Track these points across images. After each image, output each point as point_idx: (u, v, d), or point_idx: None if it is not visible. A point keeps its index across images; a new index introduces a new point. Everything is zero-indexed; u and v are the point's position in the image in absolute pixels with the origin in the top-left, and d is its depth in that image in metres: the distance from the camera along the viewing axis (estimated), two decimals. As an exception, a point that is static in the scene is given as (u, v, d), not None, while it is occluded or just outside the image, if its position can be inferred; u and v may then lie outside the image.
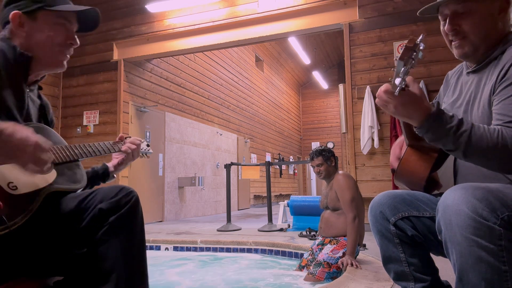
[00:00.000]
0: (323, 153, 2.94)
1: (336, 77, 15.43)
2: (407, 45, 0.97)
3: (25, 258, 1.07)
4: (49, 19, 1.22)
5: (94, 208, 1.08)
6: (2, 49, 1.15)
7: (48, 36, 1.21)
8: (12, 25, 1.19)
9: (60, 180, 1.13)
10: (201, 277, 3.19)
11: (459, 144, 1.02)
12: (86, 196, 1.12)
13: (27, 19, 1.20)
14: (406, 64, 0.96)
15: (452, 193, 0.98)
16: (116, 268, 1.05)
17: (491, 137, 1.00)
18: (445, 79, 1.41)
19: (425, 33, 1.10)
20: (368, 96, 4.96)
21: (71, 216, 1.10)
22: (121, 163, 1.46)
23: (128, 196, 1.10)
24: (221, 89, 10.09)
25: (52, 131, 1.26)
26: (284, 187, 14.25)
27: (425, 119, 1.03)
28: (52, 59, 1.24)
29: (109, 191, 1.11)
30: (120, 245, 1.07)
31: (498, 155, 1.01)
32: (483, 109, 1.14)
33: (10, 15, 1.19)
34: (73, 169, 1.20)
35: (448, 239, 0.97)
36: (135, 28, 6.38)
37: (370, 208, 1.36)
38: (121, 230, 1.08)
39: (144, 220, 1.15)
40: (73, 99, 6.54)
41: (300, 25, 5.54)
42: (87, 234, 1.09)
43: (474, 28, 1.17)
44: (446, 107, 1.33)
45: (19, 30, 1.20)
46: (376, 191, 4.75)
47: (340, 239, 2.82)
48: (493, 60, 1.17)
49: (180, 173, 7.92)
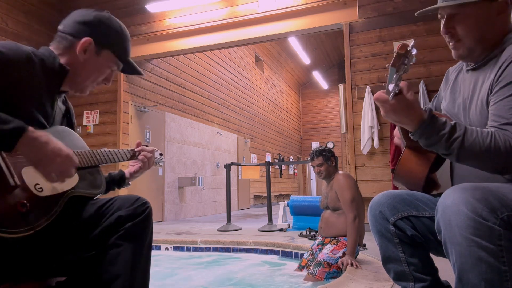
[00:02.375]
0: (323, 153, 2.94)
1: (336, 77, 15.42)
2: (398, 52, 0.97)
3: (35, 259, 1.09)
4: (107, 61, 1.27)
5: (112, 215, 1.13)
6: (42, 57, 1.17)
7: (97, 71, 1.27)
8: (78, 47, 1.21)
9: (82, 184, 1.17)
10: (201, 277, 3.19)
11: (452, 150, 1.04)
12: (105, 202, 1.17)
13: (94, 49, 1.24)
14: (398, 70, 0.97)
15: (451, 193, 0.98)
16: (124, 273, 1.09)
17: (483, 141, 1.01)
18: (446, 75, 1.41)
19: (425, 33, 1.10)
20: (368, 96, 4.97)
21: (89, 220, 1.14)
22: (137, 171, 1.50)
23: (143, 206, 1.17)
24: (221, 89, 10.09)
25: (76, 135, 1.29)
26: (284, 187, 14.25)
27: (417, 125, 1.05)
28: (83, 86, 1.29)
29: (127, 199, 1.17)
30: (131, 251, 1.11)
31: (491, 159, 1.02)
32: (481, 108, 1.14)
33: (82, 39, 1.21)
34: (94, 174, 1.25)
35: (447, 239, 0.97)
36: (135, 28, 6.38)
37: (369, 208, 1.36)
38: (134, 237, 1.13)
39: None
40: (73, 99, 6.53)
41: (300, 25, 5.55)
42: (100, 238, 1.13)
43: (468, 32, 1.18)
44: (445, 103, 1.33)
45: (80, 53, 1.22)
46: (376, 191, 4.75)
47: (340, 239, 2.82)
48: (492, 59, 1.17)
49: (180, 173, 7.92)
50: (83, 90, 1.30)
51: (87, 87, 1.30)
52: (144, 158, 1.47)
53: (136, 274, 1.11)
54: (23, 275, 1.09)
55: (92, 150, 1.26)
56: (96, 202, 1.18)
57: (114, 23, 1.29)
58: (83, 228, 1.14)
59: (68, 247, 1.13)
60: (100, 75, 1.29)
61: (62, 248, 1.12)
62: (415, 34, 4.86)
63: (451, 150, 1.04)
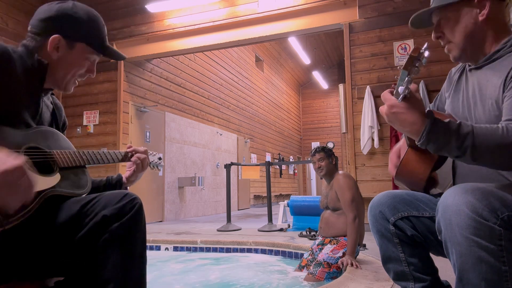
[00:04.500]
0: (325, 150, 2.97)
1: (336, 77, 15.43)
2: (411, 54, 0.96)
3: (24, 259, 1.07)
4: (83, 53, 1.23)
5: (97, 214, 1.05)
6: (22, 55, 1.15)
7: (75, 65, 1.23)
8: (49, 45, 1.18)
9: (63, 184, 1.12)
10: (201, 277, 3.19)
11: (466, 149, 0.97)
12: (89, 200, 1.09)
13: (65, 45, 1.19)
14: (410, 73, 0.96)
15: (452, 193, 0.98)
16: (114, 277, 1.03)
17: (495, 134, 0.97)
18: (448, 75, 1.40)
19: (425, 33, 1.11)
20: (368, 96, 4.96)
21: (72, 220, 1.08)
22: (132, 175, 1.45)
23: (131, 203, 1.08)
24: (221, 89, 10.09)
25: (61, 135, 1.25)
26: (284, 187, 14.25)
27: (423, 128, 1.01)
28: (64, 83, 1.25)
29: (113, 196, 1.09)
30: (120, 254, 1.04)
31: (507, 151, 0.97)
32: (490, 107, 1.12)
33: (51, 37, 1.17)
34: (79, 174, 1.20)
35: (448, 239, 0.97)
36: (135, 28, 6.38)
37: (369, 208, 1.36)
38: (123, 239, 1.05)
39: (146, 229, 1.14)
40: (73, 99, 6.54)
41: (300, 25, 5.55)
42: (88, 239, 1.06)
43: (454, 33, 1.21)
44: (449, 103, 1.32)
45: (52, 52, 1.19)
46: (376, 191, 4.75)
47: (340, 239, 2.82)
48: (498, 58, 1.16)
49: (180, 173, 7.92)
50: (66, 87, 1.26)
51: (69, 83, 1.26)
52: (137, 159, 1.41)
53: (129, 276, 1.05)
54: (14, 274, 1.06)
55: (78, 151, 1.22)
56: (80, 200, 1.11)
57: (80, 13, 1.21)
58: (67, 228, 1.07)
59: (54, 247, 1.08)
60: (79, 69, 1.24)
61: (48, 248, 1.08)
62: (415, 34, 4.86)
63: (464, 148, 0.97)
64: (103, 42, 1.27)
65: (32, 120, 1.16)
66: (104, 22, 1.29)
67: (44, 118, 1.25)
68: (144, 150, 1.46)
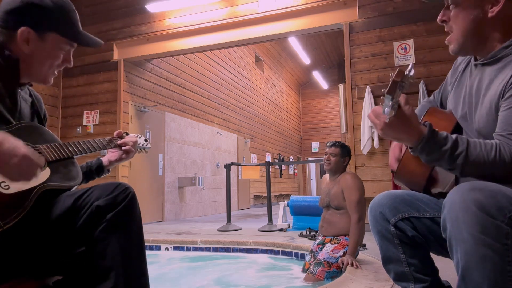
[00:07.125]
0: (343, 148, 2.97)
1: (336, 77, 15.42)
2: (394, 79, 0.92)
3: (22, 258, 1.07)
4: (56, 43, 1.19)
5: (91, 206, 1.07)
6: None
7: (49, 57, 1.20)
8: (18, 39, 1.14)
9: (54, 178, 1.12)
10: (201, 277, 3.19)
11: (456, 166, 1.03)
12: (82, 193, 1.10)
13: (36, 37, 1.15)
14: (394, 97, 0.94)
15: (459, 190, 0.97)
16: (115, 265, 1.04)
17: (488, 155, 1.00)
18: (454, 65, 1.37)
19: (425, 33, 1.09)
20: (368, 96, 4.96)
21: (67, 214, 1.09)
22: (117, 160, 1.46)
23: (125, 193, 1.09)
24: (221, 89, 10.09)
25: (44, 129, 1.24)
26: (284, 187, 14.25)
27: (417, 142, 1.03)
28: (42, 76, 1.22)
29: (105, 187, 1.10)
30: (118, 242, 1.06)
31: (496, 172, 1.00)
32: (488, 110, 1.10)
33: (19, 30, 1.14)
34: (68, 166, 1.19)
35: (453, 237, 0.96)
36: (135, 28, 6.38)
37: (370, 208, 1.36)
38: (119, 227, 1.07)
39: (142, 217, 1.15)
40: (73, 99, 6.54)
41: (300, 25, 5.54)
42: (84, 232, 1.08)
43: (456, 22, 1.16)
44: (451, 98, 1.30)
45: (23, 45, 1.15)
46: (376, 191, 4.74)
47: (341, 239, 2.82)
48: (504, 57, 1.11)
49: (180, 173, 7.92)
50: (45, 79, 1.23)
51: (47, 76, 1.23)
52: (126, 145, 1.43)
53: (129, 265, 1.07)
54: (14, 273, 1.06)
55: (63, 142, 1.21)
56: (74, 194, 1.12)
57: (46, 1, 1.16)
58: (63, 222, 1.09)
59: (52, 243, 1.09)
60: (54, 60, 1.21)
61: (47, 244, 1.09)
62: (415, 34, 4.86)
63: (455, 165, 1.03)
64: (76, 29, 1.23)
65: (12, 117, 1.15)
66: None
67: (24, 113, 1.23)
68: (134, 136, 1.48)
